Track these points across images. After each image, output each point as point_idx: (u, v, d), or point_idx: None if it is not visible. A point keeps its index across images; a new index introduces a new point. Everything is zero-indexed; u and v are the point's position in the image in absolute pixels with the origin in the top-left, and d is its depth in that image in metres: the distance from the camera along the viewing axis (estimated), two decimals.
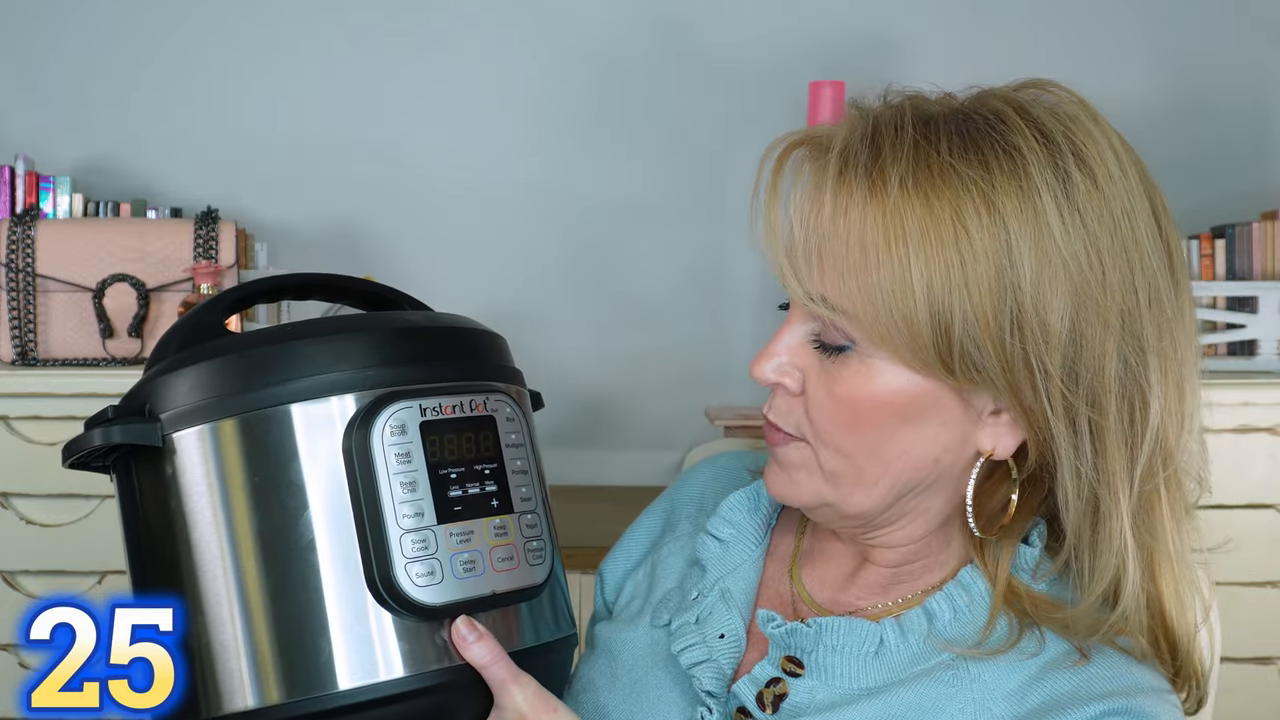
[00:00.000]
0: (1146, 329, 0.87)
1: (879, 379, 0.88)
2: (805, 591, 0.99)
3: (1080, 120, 0.88)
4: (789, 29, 2.81)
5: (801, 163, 0.91)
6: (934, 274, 0.84)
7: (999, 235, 0.84)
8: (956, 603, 0.92)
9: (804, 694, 0.92)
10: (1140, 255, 0.87)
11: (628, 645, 1.01)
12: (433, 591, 0.85)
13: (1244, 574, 2.19)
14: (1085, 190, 0.86)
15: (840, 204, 0.86)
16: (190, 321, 0.96)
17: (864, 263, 0.85)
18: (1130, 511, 0.88)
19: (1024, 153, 0.86)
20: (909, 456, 0.90)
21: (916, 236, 0.84)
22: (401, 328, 0.90)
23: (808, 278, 0.88)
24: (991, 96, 0.91)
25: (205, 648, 0.87)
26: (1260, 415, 2.24)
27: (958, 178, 0.85)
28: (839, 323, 0.88)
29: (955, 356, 0.85)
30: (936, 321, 0.85)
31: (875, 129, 0.88)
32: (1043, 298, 0.85)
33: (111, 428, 0.88)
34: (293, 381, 0.85)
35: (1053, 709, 0.86)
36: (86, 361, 2.35)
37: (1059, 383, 0.86)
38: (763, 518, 1.03)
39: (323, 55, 2.80)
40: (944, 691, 0.89)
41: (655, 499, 1.15)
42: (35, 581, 2.24)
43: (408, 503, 0.85)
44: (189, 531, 0.87)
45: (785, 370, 0.91)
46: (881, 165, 0.86)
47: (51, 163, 2.67)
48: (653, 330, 2.81)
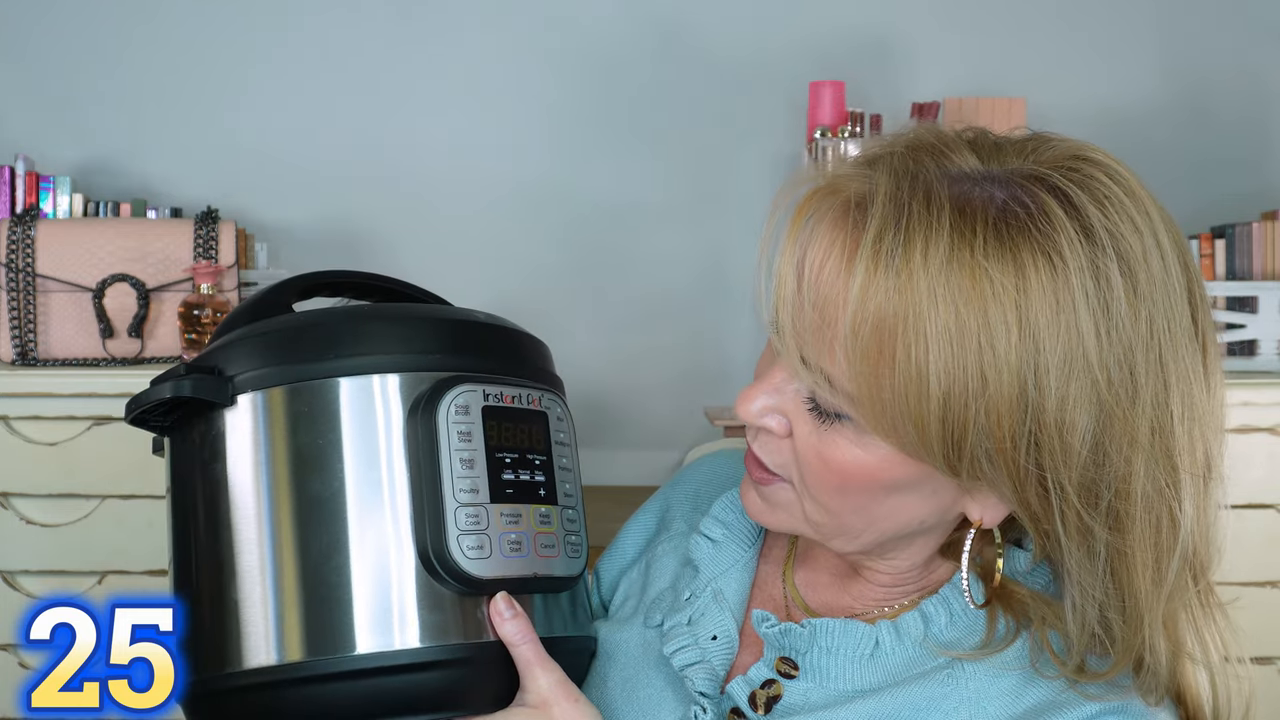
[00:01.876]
0: (1180, 444, 0.81)
1: (874, 453, 0.84)
2: (798, 594, 0.99)
3: (1127, 210, 0.81)
4: (789, 29, 2.81)
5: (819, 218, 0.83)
6: (953, 384, 0.79)
7: (1027, 348, 0.79)
8: (953, 606, 0.91)
9: (798, 695, 0.91)
10: (1178, 365, 0.81)
11: (621, 645, 1.01)
12: (481, 565, 0.87)
13: (1244, 574, 2.19)
14: (1125, 295, 0.79)
15: (864, 296, 0.79)
16: (258, 300, 1.00)
17: (879, 359, 0.79)
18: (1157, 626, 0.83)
19: (1065, 258, 0.79)
20: (894, 518, 0.88)
21: (939, 342, 0.78)
22: (467, 320, 0.95)
23: (811, 350, 0.82)
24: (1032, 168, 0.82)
25: (236, 603, 0.89)
26: (1260, 415, 2.25)
27: (989, 284, 0.78)
28: (838, 404, 0.83)
29: (964, 463, 0.81)
30: (948, 430, 0.80)
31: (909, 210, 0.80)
32: (1067, 416, 0.79)
33: (184, 381, 0.90)
34: (356, 357, 0.89)
35: (1048, 709, 0.86)
36: (86, 361, 2.35)
37: (1075, 502, 0.81)
38: None
39: (324, 56, 2.81)
40: (939, 691, 0.88)
41: (650, 496, 1.15)
42: (35, 581, 2.24)
43: (465, 478, 0.88)
44: (235, 491, 0.90)
45: (772, 414, 0.87)
46: (911, 261, 0.79)
47: (51, 163, 2.67)
48: (653, 330, 2.81)
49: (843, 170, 0.83)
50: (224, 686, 0.89)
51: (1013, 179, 0.82)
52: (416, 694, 0.88)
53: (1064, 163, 0.83)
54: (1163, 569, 0.83)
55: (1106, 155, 0.84)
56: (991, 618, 0.90)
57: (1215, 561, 0.88)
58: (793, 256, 0.83)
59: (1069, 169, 0.82)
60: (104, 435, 2.24)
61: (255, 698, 0.88)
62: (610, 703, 0.98)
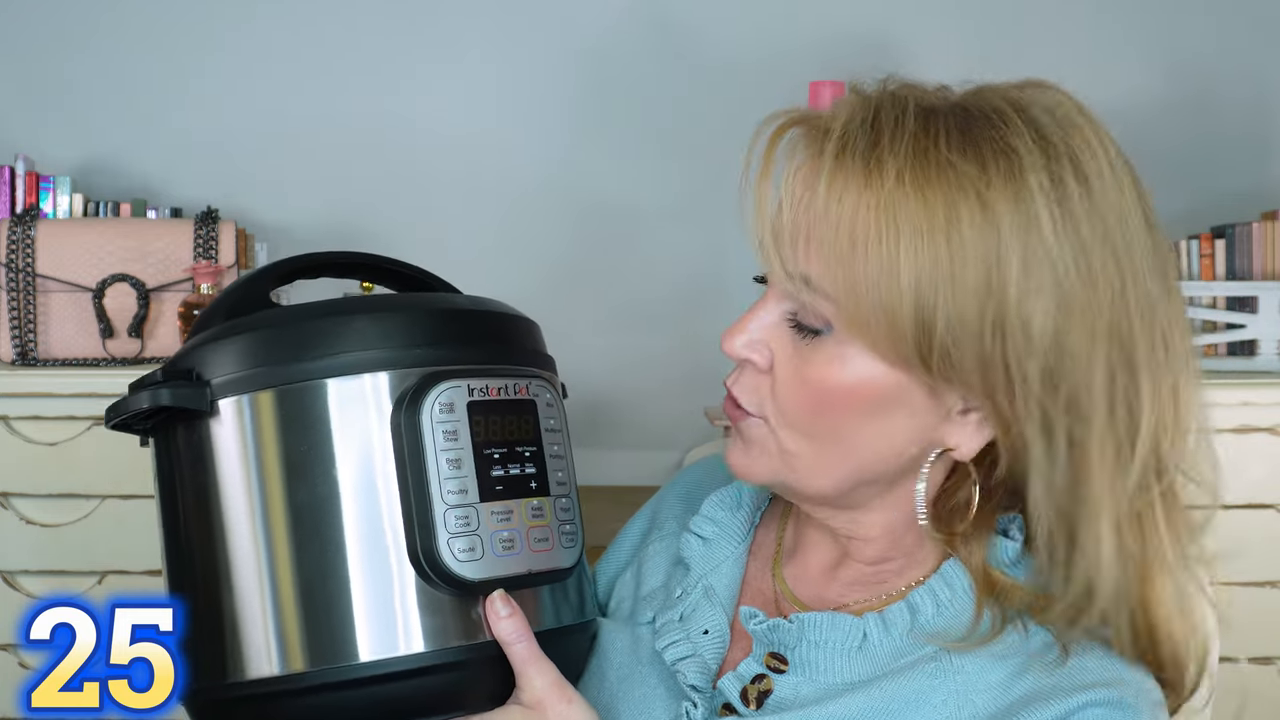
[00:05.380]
0: (1138, 341, 0.86)
1: (851, 366, 0.87)
2: (788, 588, 0.99)
3: (1078, 125, 0.87)
4: (789, 29, 2.81)
5: (796, 142, 0.89)
6: (922, 269, 0.83)
7: (990, 236, 0.83)
8: (939, 596, 0.92)
9: (788, 689, 0.92)
10: (1133, 264, 0.86)
11: (615, 644, 1.02)
12: (473, 567, 0.86)
13: (1244, 574, 2.19)
14: (1079, 197, 0.85)
15: (835, 189, 0.85)
16: (237, 292, 0.97)
17: (852, 251, 0.84)
18: (1114, 525, 0.86)
19: (1021, 155, 0.85)
20: (871, 447, 0.89)
21: (908, 230, 0.83)
22: (449, 309, 0.93)
23: (791, 257, 0.87)
24: (991, 93, 0.89)
25: (233, 613, 0.88)
26: (1260, 415, 2.25)
27: (954, 175, 0.84)
28: (818, 306, 0.87)
29: (934, 353, 0.85)
30: (919, 317, 0.84)
31: (876, 115, 0.86)
32: (1027, 303, 0.83)
33: (160, 390, 0.88)
34: (339, 355, 0.87)
35: (1036, 700, 0.87)
36: (86, 361, 2.35)
37: (1037, 390, 0.84)
38: (745, 515, 1.03)
39: (324, 56, 2.81)
40: (928, 683, 0.89)
41: (648, 500, 1.15)
42: (35, 581, 2.24)
43: (453, 479, 0.86)
44: (224, 500, 0.88)
45: (756, 347, 0.91)
46: (879, 154, 0.85)
47: (51, 163, 2.68)
48: (653, 330, 2.81)
49: (817, 109, 0.90)
50: (227, 696, 0.88)
51: (974, 103, 0.89)
52: (419, 698, 0.87)
53: (1018, 86, 0.90)
54: (1123, 461, 0.86)
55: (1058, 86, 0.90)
56: (979, 607, 0.90)
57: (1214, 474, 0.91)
58: (769, 174, 0.88)
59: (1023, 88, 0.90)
60: (104, 435, 2.23)
61: (259, 707, 0.88)
62: (604, 701, 0.98)
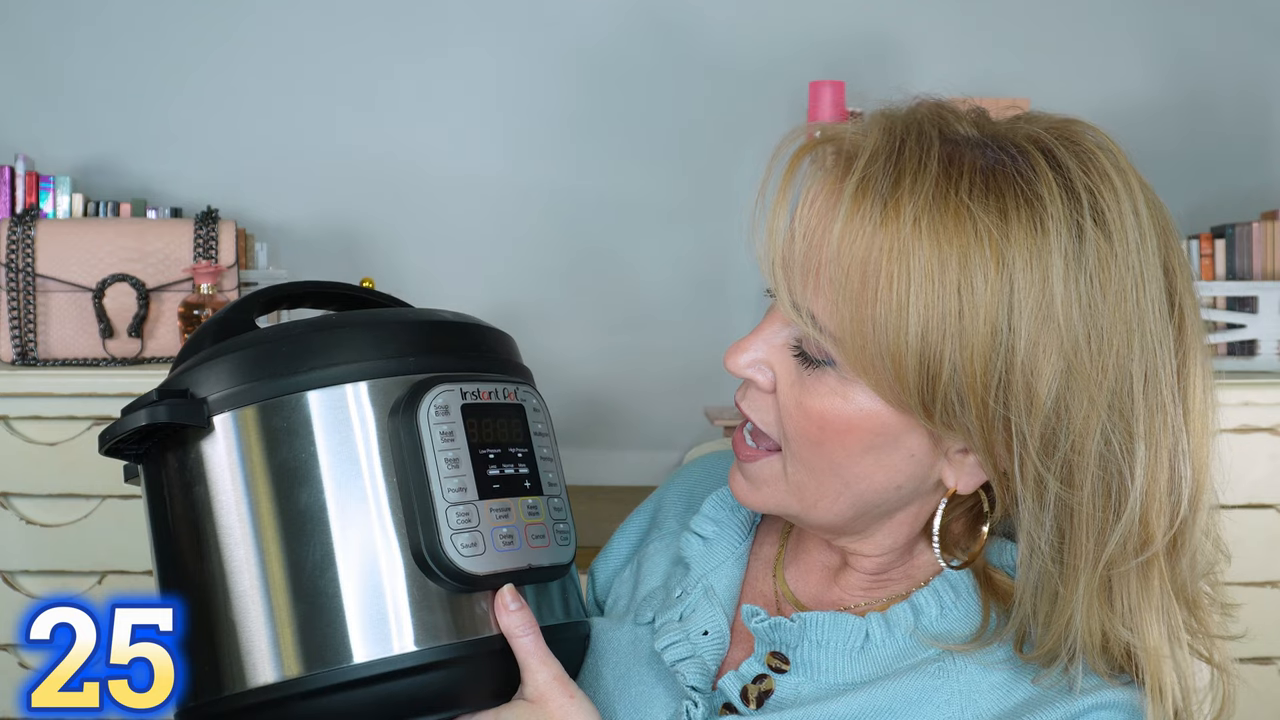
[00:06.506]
0: (1138, 411, 0.83)
1: (853, 403, 0.86)
2: (789, 590, 0.99)
3: (1109, 176, 0.84)
4: (789, 29, 2.81)
5: (815, 162, 0.88)
6: (930, 318, 0.82)
7: (1003, 292, 0.82)
8: (943, 598, 0.92)
9: (789, 689, 0.92)
10: (1143, 332, 0.83)
11: (613, 643, 1.02)
12: (476, 562, 0.88)
13: (1244, 574, 2.19)
14: (1098, 255, 0.82)
15: (850, 230, 0.83)
16: (221, 319, 0.99)
17: (862, 293, 0.83)
18: (1086, 595, 0.85)
19: (1045, 205, 0.82)
20: (870, 480, 0.89)
21: (920, 278, 0.82)
22: (433, 321, 0.96)
23: (800, 291, 0.86)
24: (1025, 130, 0.86)
25: (229, 626, 0.89)
26: (1260, 415, 2.24)
27: (973, 224, 0.82)
28: (823, 344, 0.86)
29: (937, 402, 0.84)
30: (924, 366, 0.83)
31: (900, 151, 0.84)
32: (1034, 364, 0.82)
33: (158, 407, 0.90)
34: (334, 366, 0.90)
35: (1038, 704, 0.86)
36: (86, 361, 2.35)
37: (1034, 452, 0.83)
38: (746, 515, 1.03)
39: (324, 56, 2.81)
40: (930, 684, 0.89)
41: (647, 498, 1.15)
42: (35, 581, 2.24)
43: (453, 478, 0.89)
44: (217, 515, 0.90)
45: (759, 367, 0.90)
46: (899, 197, 0.82)
47: (51, 163, 2.68)
48: (653, 330, 2.81)
49: (841, 126, 0.89)
50: (226, 709, 0.89)
51: (1003, 141, 0.85)
52: (418, 696, 0.88)
53: (1054, 126, 0.87)
54: (1106, 533, 0.84)
55: (1096, 128, 0.87)
56: (985, 611, 0.90)
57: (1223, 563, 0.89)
58: (786, 199, 0.87)
59: (1059, 133, 0.86)
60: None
61: (258, 716, 0.88)
62: (603, 700, 0.98)
